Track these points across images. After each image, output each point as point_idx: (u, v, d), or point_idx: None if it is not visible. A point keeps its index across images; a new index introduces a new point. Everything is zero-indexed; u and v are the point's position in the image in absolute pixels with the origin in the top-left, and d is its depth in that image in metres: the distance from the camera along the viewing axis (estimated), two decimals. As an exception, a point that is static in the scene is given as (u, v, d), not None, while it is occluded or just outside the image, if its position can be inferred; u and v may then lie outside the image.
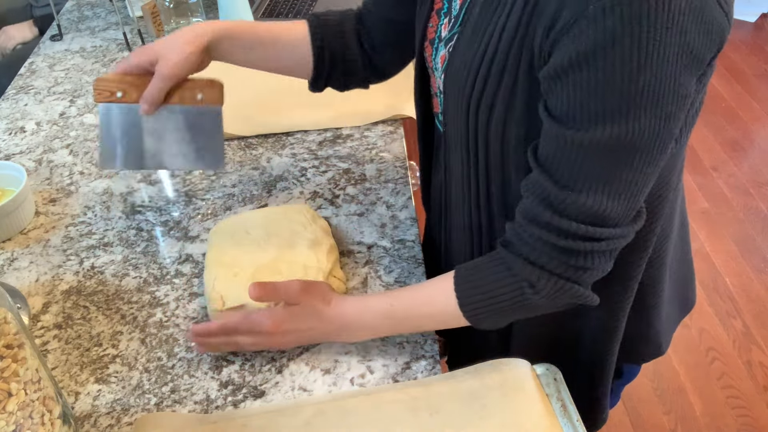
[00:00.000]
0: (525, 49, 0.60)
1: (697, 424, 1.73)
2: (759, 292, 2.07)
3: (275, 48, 0.87)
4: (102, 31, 1.55)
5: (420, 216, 0.98)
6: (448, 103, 0.71)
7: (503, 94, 0.63)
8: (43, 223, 0.99)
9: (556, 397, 0.70)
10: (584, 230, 0.61)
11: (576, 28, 0.54)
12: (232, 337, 0.74)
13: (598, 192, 0.59)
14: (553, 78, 0.57)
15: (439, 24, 0.75)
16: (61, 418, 0.64)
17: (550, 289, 0.65)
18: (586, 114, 0.56)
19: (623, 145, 0.56)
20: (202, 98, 0.82)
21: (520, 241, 0.65)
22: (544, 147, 0.61)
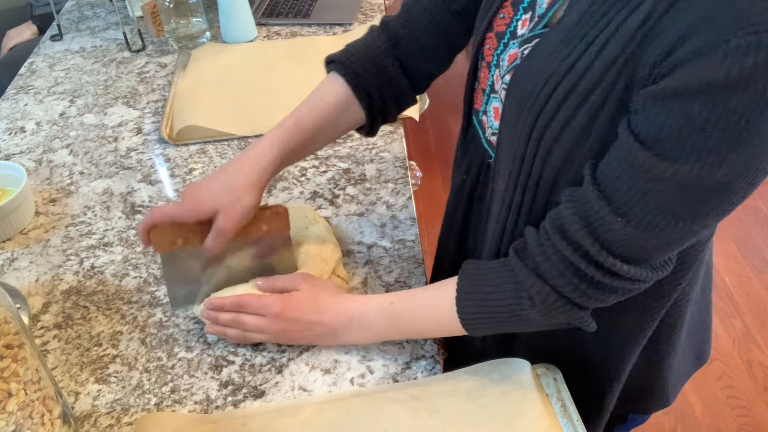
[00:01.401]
0: (628, 67, 0.55)
1: (697, 424, 1.73)
2: (759, 292, 2.07)
3: (326, 134, 0.82)
4: (102, 31, 1.55)
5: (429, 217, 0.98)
6: (508, 108, 0.65)
7: (586, 110, 0.57)
8: (43, 223, 0.99)
9: (556, 397, 0.70)
10: (611, 263, 0.58)
11: (707, 57, 0.48)
12: (241, 316, 0.74)
13: (651, 225, 0.56)
14: (656, 99, 0.52)
15: (514, 17, 0.68)
16: (61, 418, 0.64)
17: (549, 306, 0.62)
18: (681, 145, 0.51)
19: (704, 187, 0.53)
20: (268, 229, 0.78)
21: (537, 248, 0.62)
22: (610, 166, 0.57)
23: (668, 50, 0.51)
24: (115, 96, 1.29)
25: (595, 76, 0.56)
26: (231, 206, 0.73)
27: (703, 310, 0.86)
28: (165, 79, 1.34)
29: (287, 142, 0.77)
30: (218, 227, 0.73)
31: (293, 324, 0.74)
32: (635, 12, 0.54)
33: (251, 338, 0.77)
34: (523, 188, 0.66)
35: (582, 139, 0.59)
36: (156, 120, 1.21)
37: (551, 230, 0.61)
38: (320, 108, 0.80)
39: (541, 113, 0.60)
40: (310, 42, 1.44)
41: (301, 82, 1.28)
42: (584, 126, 0.58)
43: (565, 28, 0.59)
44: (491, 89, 0.72)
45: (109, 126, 1.20)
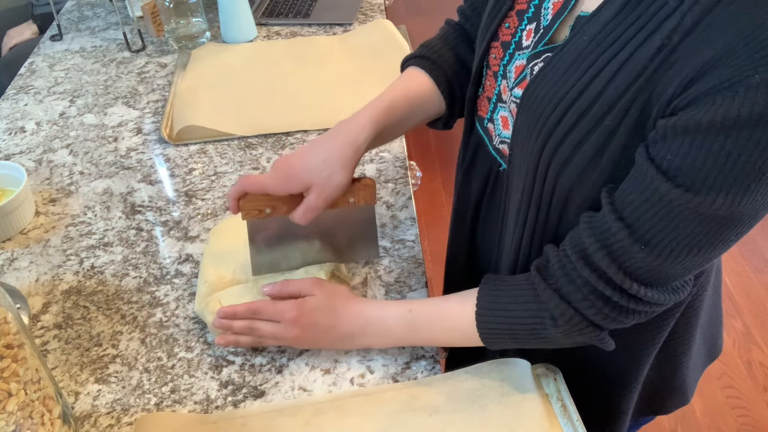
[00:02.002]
0: (643, 94, 0.55)
1: (697, 424, 1.73)
2: (759, 292, 2.07)
3: (412, 119, 0.82)
4: (102, 31, 1.55)
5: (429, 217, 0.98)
6: (520, 127, 0.65)
7: (599, 135, 0.57)
8: (43, 223, 0.99)
9: (556, 397, 0.70)
10: (636, 290, 0.59)
11: (731, 92, 0.49)
12: (255, 323, 0.74)
13: (674, 254, 0.56)
14: (678, 131, 0.52)
15: (518, 27, 0.68)
16: (61, 418, 0.64)
17: (572, 327, 0.63)
18: (704, 178, 0.52)
19: (729, 217, 0.54)
20: (355, 201, 0.78)
21: (560, 270, 0.62)
22: (630, 194, 0.57)
23: (687, 82, 0.51)
24: (115, 96, 1.29)
25: (608, 102, 0.56)
26: (325, 183, 0.73)
27: (714, 306, 0.86)
28: (165, 79, 1.34)
29: (379, 123, 0.77)
30: (310, 203, 0.73)
31: (309, 330, 0.73)
32: (649, 39, 0.54)
33: (265, 345, 0.77)
34: (537, 205, 0.66)
35: (594, 162, 0.59)
36: (156, 120, 1.21)
37: (573, 255, 0.61)
38: (409, 93, 0.80)
39: (552, 134, 0.60)
40: (310, 42, 1.44)
41: (301, 82, 1.29)
42: (596, 149, 0.58)
43: (576, 49, 0.59)
44: (498, 98, 0.72)
45: (109, 126, 1.20)
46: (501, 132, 0.73)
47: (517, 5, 0.69)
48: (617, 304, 0.61)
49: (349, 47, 1.41)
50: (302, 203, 0.74)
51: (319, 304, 0.73)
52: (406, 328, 0.72)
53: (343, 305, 0.74)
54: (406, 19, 3.40)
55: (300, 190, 0.74)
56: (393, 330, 0.73)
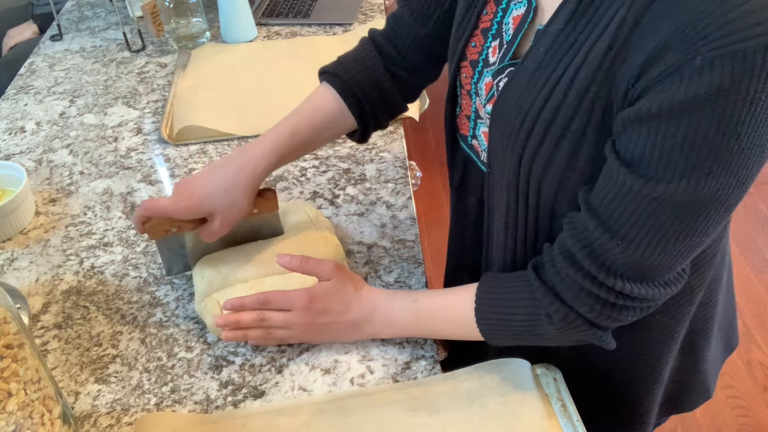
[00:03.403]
0: (602, 92, 0.56)
1: (697, 424, 1.73)
2: (759, 292, 2.07)
3: (319, 140, 0.84)
4: (102, 31, 1.55)
5: (429, 217, 0.98)
6: (494, 143, 0.67)
7: (569, 139, 0.59)
8: (43, 223, 0.99)
9: (556, 397, 0.70)
10: (620, 286, 0.59)
11: (677, 76, 0.50)
12: (265, 313, 0.74)
13: (651, 245, 0.56)
14: (634, 122, 0.53)
15: (484, 45, 0.70)
16: (61, 418, 0.64)
17: (567, 325, 0.63)
18: (664, 165, 0.52)
19: (696, 201, 0.53)
20: (258, 211, 0.82)
21: (552, 269, 0.63)
22: (602, 191, 0.58)
23: (638, 73, 0.53)
24: (115, 96, 1.29)
25: (571, 107, 0.57)
26: (227, 210, 0.76)
27: (729, 300, 0.86)
28: (165, 79, 1.34)
29: (282, 149, 0.79)
30: (214, 228, 0.77)
31: (321, 316, 0.74)
32: (600, 39, 0.55)
33: (274, 337, 0.76)
34: (524, 216, 0.67)
35: (571, 167, 0.60)
36: (156, 120, 1.21)
37: (559, 256, 0.62)
38: (315, 117, 0.82)
39: (525, 148, 0.61)
40: (310, 42, 1.44)
41: (301, 82, 1.28)
42: (570, 154, 0.59)
43: (535, 61, 0.60)
44: (476, 115, 0.74)
45: (109, 126, 1.20)
46: (485, 147, 0.74)
47: (481, 24, 0.71)
48: (608, 302, 0.61)
49: (349, 47, 1.40)
50: (207, 228, 0.78)
51: (331, 289, 0.74)
52: (411, 317, 0.73)
53: (354, 292, 0.75)
54: (406, 19, 3.38)
55: (202, 215, 0.77)
56: (399, 319, 0.74)
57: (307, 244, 0.84)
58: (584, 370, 0.77)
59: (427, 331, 0.75)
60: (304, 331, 0.75)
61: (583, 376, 0.76)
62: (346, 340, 0.77)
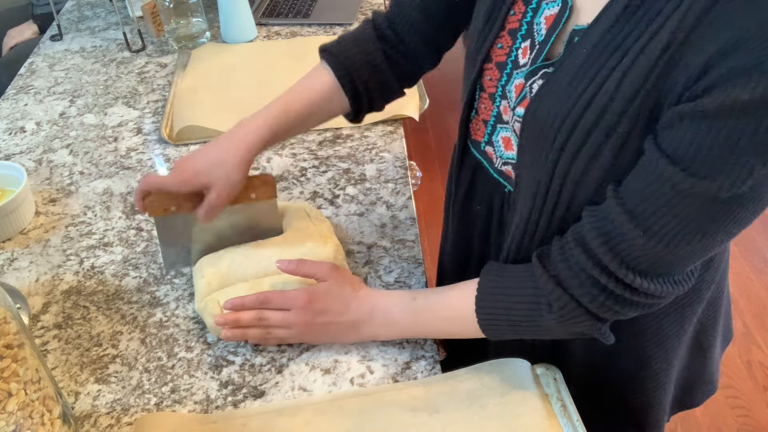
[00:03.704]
0: (652, 94, 0.54)
1: (697, 424, 1.73)
2: (759, 292, 2.07)
3: (313, 118, 0.84)
4: (102, 31, 1.55)
5: (429, 217, 0.98)
6: (526, 147, 0.65)
7: (612, 145, 0.57)
8: (43, 223, 0.99)
9: (556, 397, 0.70)
10: (631, 279, 0.58)
11: (743, 78, 0.49)
12: (264, 312, 0.74)
13: (676, 240, 0.56)
14: (687, 116, 0.52)
15: (513, 47, 0.68)
16: (61, 418, 0.64)
17: (567, 314, 0.63)
18: (710, 163, 0.52)
19: (733, 203, 0.53)
20: (256, 196, 0.82)
21: (560, 256, 0.63)
22: (634, 183, 0.57)
23: (698, 73, 0.52)
24: (115, 96, 1.29)
25: (617, 110, 0.56)
26: (221, 182, 0.76)
27: (727, 292, 0.87)
28: (165, 79, 1.34)
29: (275, 125, 0.79)
30: (210, 202, 0.77)
31: (320, 316, 0.74)
32: (651, 43, 0.54)
33: (273, 337, 0.76)
34: (547, 222, 0.66)
35: (610, 172, 0.59)
36: (156, 120, 1.21)
37: (572, 242, 0.62)
38: (308, 95, 0.82)
39: (563, 150, 0.60)
40: (310, 42, 1.44)
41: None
42: (612, 159, 0.58)
43: (577, 62, 0.59)
44: (497, 120, 0.72)
45: (109, 126, 1.20)
46: (503, 153, 0.73)
47: (508, 25, 0.69)
48: (612, 293, 0.60)
49: (349, 47, 1.41)
50: (204, 202, 0.78)
51: (330, 289, 0.74)
52: (410, 316, 0.73)
53: (353, 292, 0.75)
54: (406, 19, 3.38)
55: (198, 189, 0.77)
56: (398, 319, 0.74)
57: (307, 244, 0.84)
58: (600, 367, 0.76)
59: (427, 330, 0.75)
60: (302, 330, 0.75)
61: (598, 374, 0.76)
62: (344, 341, 0.77)
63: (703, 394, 0.89)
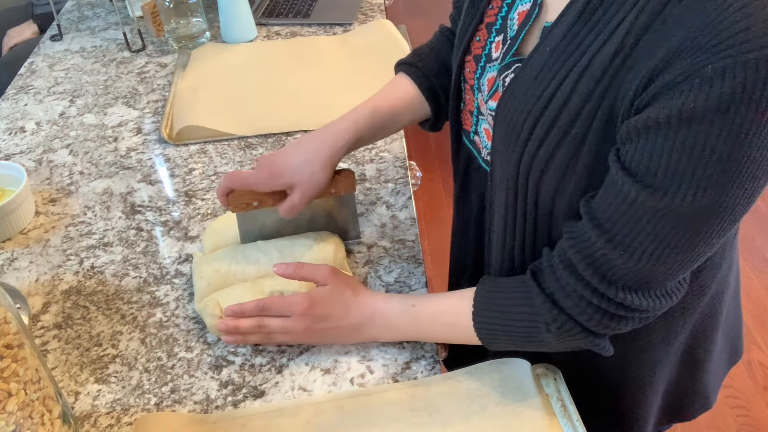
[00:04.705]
0: (608, 97, 0.55)
1: (697, 424, 1.73)
2: (759, 292, 2.07)
3: (395, 124, 0.86)
4: (102, 31, 1.55)
5: (429, 217, 0.97)
6: (497, 141, 0.66)
7: (569, 143, 0.58)
8: (43, 223, 0.99)
9: (556, 397, 0.70)
10: (621, 297, 0.59)
11: (686, 85, 0.49)
12: (264, 320, 0.74)
13: (654, 256, 0.56)
14: (641, 130, 0.52)
15: (488, 40, 0.70)
16: (61, 418, 0.64)
17: (565, 333, 0.63)
18: (670, 175, 0.51)
19: (702, 213, 0.52)
20: (336, 191, 0.83)
21: (551, 276, 0.63)
22: (605, 200, 0.57)
23: (646, 82, 0.52)
24: (115, 96, 1.29)
25: (574, 110, 0.57)
26: (306, 183, 0.77)
27: (735, 309, 0.86)
28: (165, 79, 1.34)
29: (362, 128, 0.81)
30: (294, 201, 0.78)
31: (320, 321, 0.74)
32: (606, 45, 0.54)
33: (274, 341, 0.76)
34: (523, 216, 0.67)
35: (569, 171, 0.60)
36: (156, 120, 1.21)
37: (560, 265, 0.62)
38: (394, 100, 0.85)
39: (525, 148, 0.61)
40: (310, 42, 1.44)
41: (301, 82, 1.28)
42: (569, 158, 0.59)
43: (541, 60, 0.59)
44: (478, 111, 0.74)
45: (109, 126, 1.20)
46: (486, 144, 0.75)
47: (486, 18, 0.71)
48: (607, 312, 0.60)
49: (349, 47, 1.41)
50: (287, 201, 0.78)
51: (329, 294, 0.74)
52: (410, 322, 0.73)
53: (353, 296, 0.74)
54: (406, 19, 3.39)
55: (283, 188, 0.78)
56: (398, 323, 0.74)
57: (307, 244, 0.84)
58: (581, 370, 0.76)
59: (426, 335, 0.75)
60: (303, 336, 0.75)
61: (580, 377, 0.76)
62: (345, 343, 0.77)
63: (696, 408, 0.87)
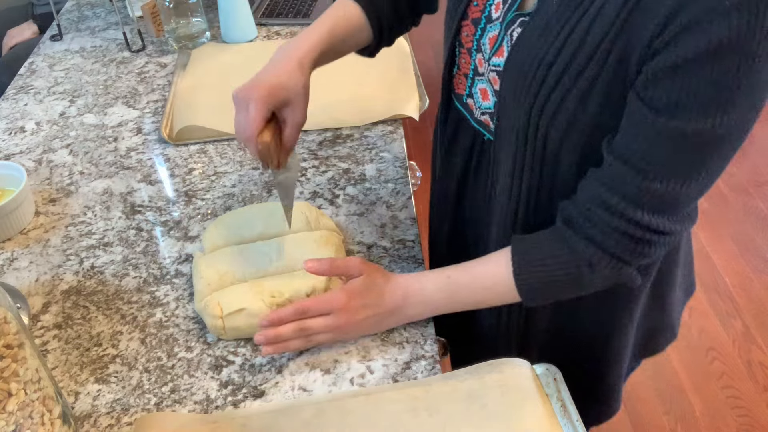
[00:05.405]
0: (621, 38, 0.59)
1: (697, 424, 1.73)
2: (759, 292, 2.07)
3: (345, 46, 0.86)
4: (102, 31, 1.55)
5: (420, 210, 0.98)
6: (505, 93, 0.70)
7: (580, 86, 0.63)
8: (43, 223, 0.99)
9: (556, 397, 0.70)
10: (656, 223, 0.64)
11: (706, 22, 0.53)
12: (305, 322, 0.73)
13: (679, 180, 0.61)
14: (668, 71, 0.57)
15: (487, 3, 0.74)
16: (61, 418, 0.64)
17: (609, 271, 0.68)
18: (695, 105, 0.57)
19: (722, 135, 0.58)
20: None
21: (587, 222, 0.67)
22: (627, 138, 0.62)
23: (664, 22, 0.55)
24: (115, 96, 1.29)
25: (586, 54, 0.61)
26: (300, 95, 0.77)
27: (688, 248, 0.93)
28: (165, 79, 1.34)
29: (323, 46, 0.81)
30: (296, 119, 0.77)
31: (360, 312, 0.74)
32: None
33: (315, 343, 0.76)
34: (530, 165, 0.71)
35: (579, 113, 0.64)
36: (156, 120, 1.21)
37: (595, 208, 0.66)
38: (346, 23, 0.85)
39: (538, 95, 0.65)
40: (310, 42, 1.44)
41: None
42: (580, 100, 0.63)
43: (549, 11, 0.64)
44: (475, 73, 0.77)
45: (109, 126, 1.20)
46: (481, 104, 0.78)
47: None
48: (642, 239, 0.66)
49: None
50: (287, 123, 0.77)
51: (364, 284, 0.75)
52: (446, 294, 0.75)
53: (384, 282, 0.76)
54: (406, 19, 3.38)
55: (282, 106, 0.76)
56: (433, 298, 0.75)
57: (307, 245, 0.84)
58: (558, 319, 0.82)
59: (465, 303, 0.77)
60: (344, 330, 0.75)
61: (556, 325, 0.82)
62: (382, 329, 0.78)
63: (664, 339, 0.95)
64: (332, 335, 0.75)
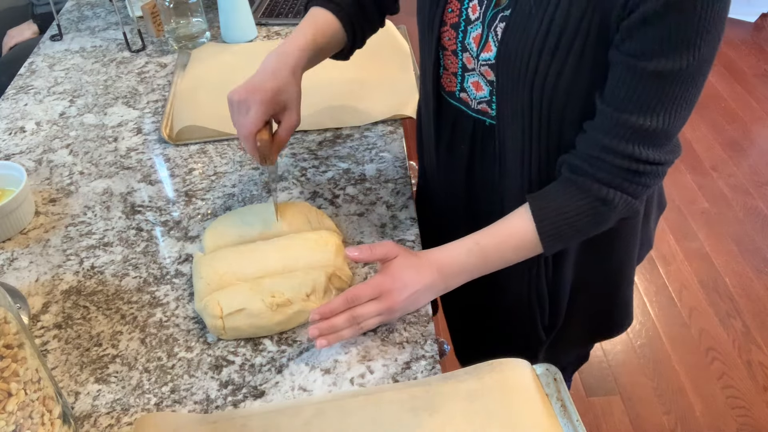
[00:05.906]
0: (598, 9, 0.67)
1: (697, 424, 1.73)
2: (759, 292, 2.07)
3: (323, 53, 0.91)
4: (102, 31, 1.55)
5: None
6: (503, 81, 0.77)
7: (572, 59, 0.71)
8: (43, 223, 0.99)
9: (556, 397, 0.70)
10: (653, 156, 0.72)
11: None
12: (356, 309, 0.75)
13: (668, 114, 0.69)
14: (639, 24, 0.65)
15: (462, 8, 0.79)
16: (61, 418, 0.64)
17: (621, 205, 0.75)
18: (672, 47, 0.65)
19: (696, 69, 0.67)
20: None
21: (593, 167, 0.74)
22: (614, 87, 0.70)
23: None
24: (115, 96, 1.29)
25: (571, 31, 0.69)
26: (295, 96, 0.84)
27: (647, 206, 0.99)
28: (165, 79, 1.34)
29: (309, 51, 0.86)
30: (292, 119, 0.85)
31: (404, 291, 0.76)
32: None
33: (365, 329, 0.77)
34: (538, 135, 0.78)
35: (575, 79, 0.72)
36: (156, 120, 1.21)
37: (599, 152, 0.73)
38: (324, 30, 0.89)
39: (536, 76, 0.73)
40: (310, 42, 1.44)
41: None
42: (574, 70, 0.72)
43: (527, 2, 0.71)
44: (464, 70, 0.83)
45: (109, 126, 1.20)
46: (476, 95, 0.84)
47: None
48: (644, 172, 0.73)
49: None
50: (283, 124, 0.84)
51: (402, 263, 0.78)
52: (478, 259, 0.79)
53: (417, 259, 0.79)
54: (406, 19, 3.39)
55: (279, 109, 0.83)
56: (466, 265, 0.79)
57: (307, 245, 0.84)
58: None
59: (494, 266, 0.81)
60: (393, 311, 0.77)
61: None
62: (422, 306, 0.81)
63: (644, 252, 1.04)
64: (382, 318, 0.77)
